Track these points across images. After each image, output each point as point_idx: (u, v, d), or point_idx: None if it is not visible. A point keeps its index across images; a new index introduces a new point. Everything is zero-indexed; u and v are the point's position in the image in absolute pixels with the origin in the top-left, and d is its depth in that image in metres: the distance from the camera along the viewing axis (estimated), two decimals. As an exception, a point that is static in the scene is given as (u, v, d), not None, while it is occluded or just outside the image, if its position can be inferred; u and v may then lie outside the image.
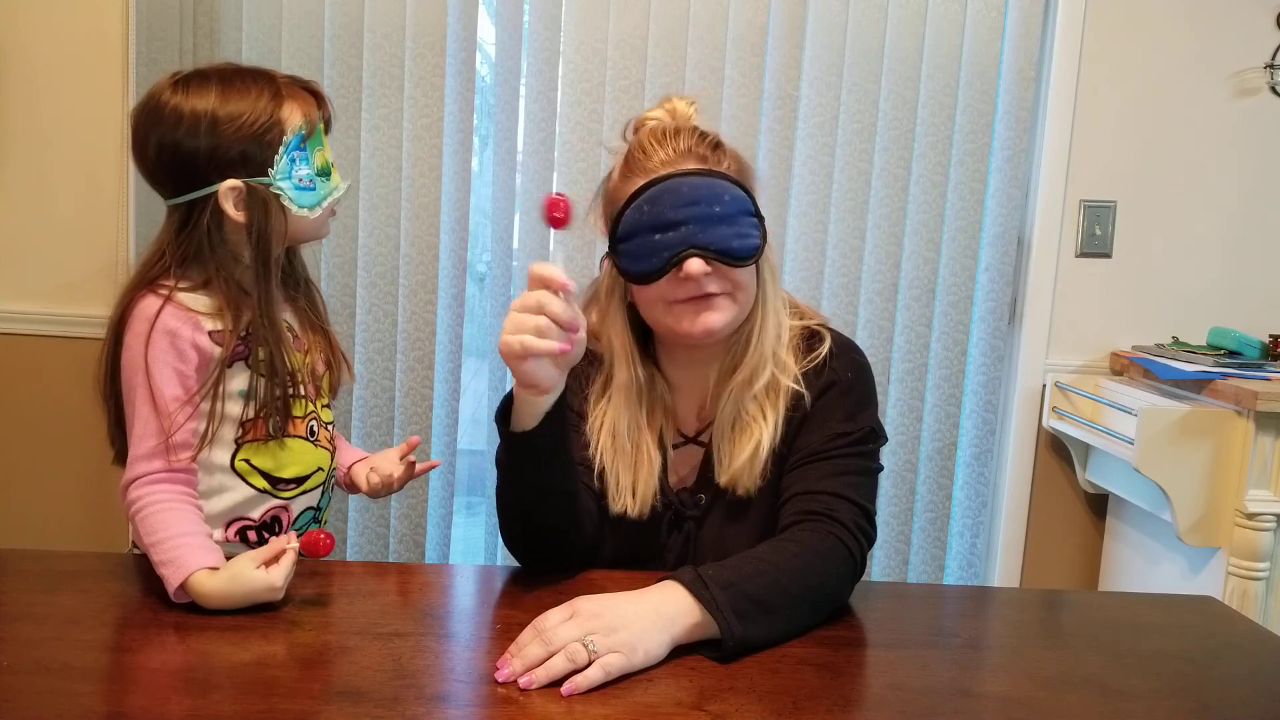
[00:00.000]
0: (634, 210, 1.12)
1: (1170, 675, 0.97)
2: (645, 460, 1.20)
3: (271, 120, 1.16)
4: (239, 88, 1.16)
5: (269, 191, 1.17)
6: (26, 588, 1.06)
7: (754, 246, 1.13)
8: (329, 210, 1.24)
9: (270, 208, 1.17)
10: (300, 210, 1.19)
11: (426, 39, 2.15)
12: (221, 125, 1.14)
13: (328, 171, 1.24)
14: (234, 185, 1.15)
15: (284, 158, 1.17)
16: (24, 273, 2.20)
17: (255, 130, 1.15)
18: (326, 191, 1.23)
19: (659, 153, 1.15)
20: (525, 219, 2.23)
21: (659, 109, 1.22)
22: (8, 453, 2.24)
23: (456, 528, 2.36)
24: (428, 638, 0.96)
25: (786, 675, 0.92)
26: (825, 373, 1.19)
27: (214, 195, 1.16)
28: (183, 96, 1.16)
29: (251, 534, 1.22)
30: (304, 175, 1.19)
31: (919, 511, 2.35)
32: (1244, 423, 1.91)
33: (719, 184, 1.12)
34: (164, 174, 1.18)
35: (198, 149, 1.15)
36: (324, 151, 1.23)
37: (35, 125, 2.17)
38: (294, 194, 1.19)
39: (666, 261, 1.11)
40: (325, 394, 1.31)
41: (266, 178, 1.17)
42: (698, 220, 1.10)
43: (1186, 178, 2.31)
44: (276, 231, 1.18)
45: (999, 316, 2.29)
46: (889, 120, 2.22)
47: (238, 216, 1.16)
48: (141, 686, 0.85)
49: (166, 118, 1.15)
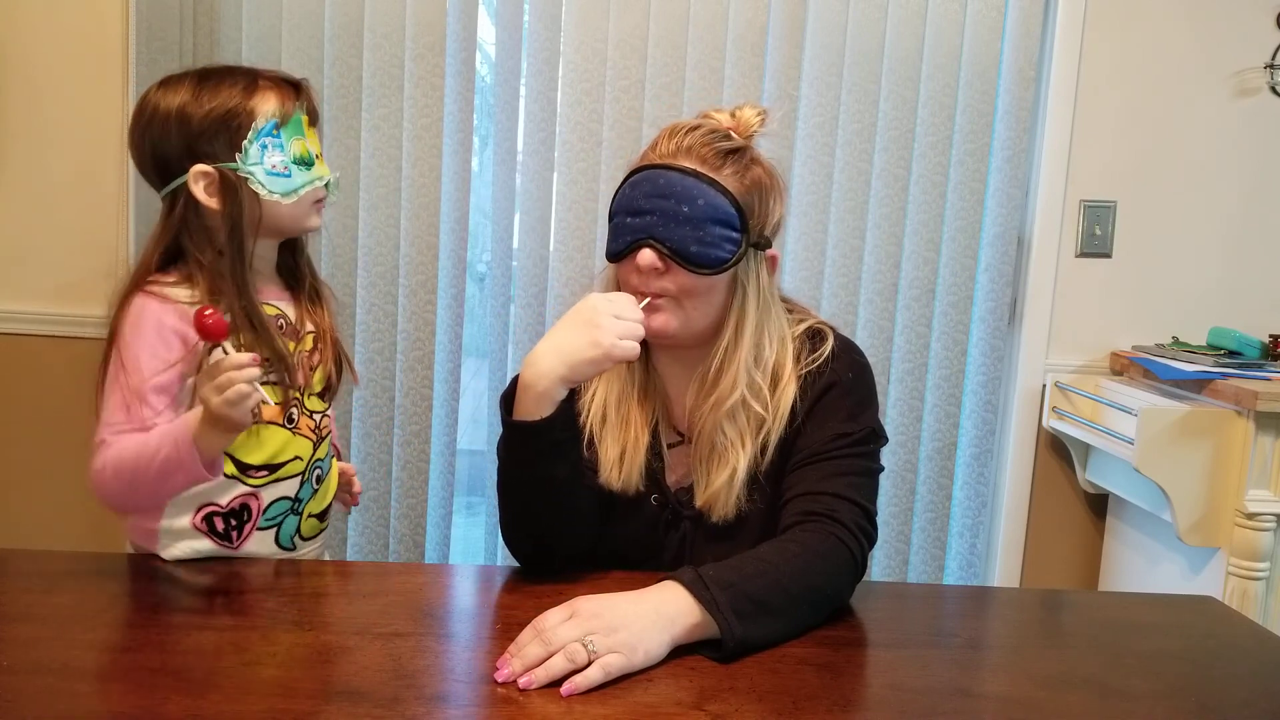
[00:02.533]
0: (622, 190, 1.16)
1: (1170, 675, 0.97)
2: (633, 432, 1.21)
3: (239, 108, 1.18)
4: (213, 82, 1.20)
5: (238, 176, 1.18)
6: (26, 588, 1.06)
7: (717, 258, 1.13)
8: (310, 200, 1.23)
9: (241, 192, 1.18)
10: (273, 195, 1.19)
11: (426, 39, 2.15)
12: (192, 116, 1.18)
13: (309, 161, 1.23)
14: (203, 170, 1.18)
15: (254, 143, 1.18)
16: (24, 273, 2.20)
17: (223, 117, 1.18)
18: (305, 180, 1.22)
19: (665, 143, 1.17)
20: (525, 219, 2.23)
21: (725, 111, 1.23)
22: (8, 453, 2.24)
23: (456, 528, 2.36)
24: (428, 638, 0.96)
25: (786, 675, 0.92)
26: (827, 373, 1.19)
27: (187, 183, 1.18)
28: (162, 94, 1.20)
29: (219, 521, 1.21)
30: (278, 162, 1.20)
31: (919, 511, 2.35)
32: (1244, 423, 1.91)
33: (697, 186, 1.12)
34: (149, 168, 1.23)
35: (170, 141, 1.18)
36: (305, 141, 1.23)
37: (35, 125, 2.17)
38: (265, 179, 1.19)
39: (626, 246, 1.14)
40: (316, 385, 1.30)
41: (235, 164, 1.18)
42: (661, 214, 1.12)
43: (1186, 178, 2.31)
44: (249, 217, 1.19)
45: (999, 316, 2.29)
46: (889, 120, 2.22)
47: (210, 202, 1.18)
48: (141, 686, 0.85)
49: (148, 115, 1.20)
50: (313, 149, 1.24)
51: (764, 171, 1.19)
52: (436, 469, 2.28)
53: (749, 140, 1.21)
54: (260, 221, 1.20)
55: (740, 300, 1.17)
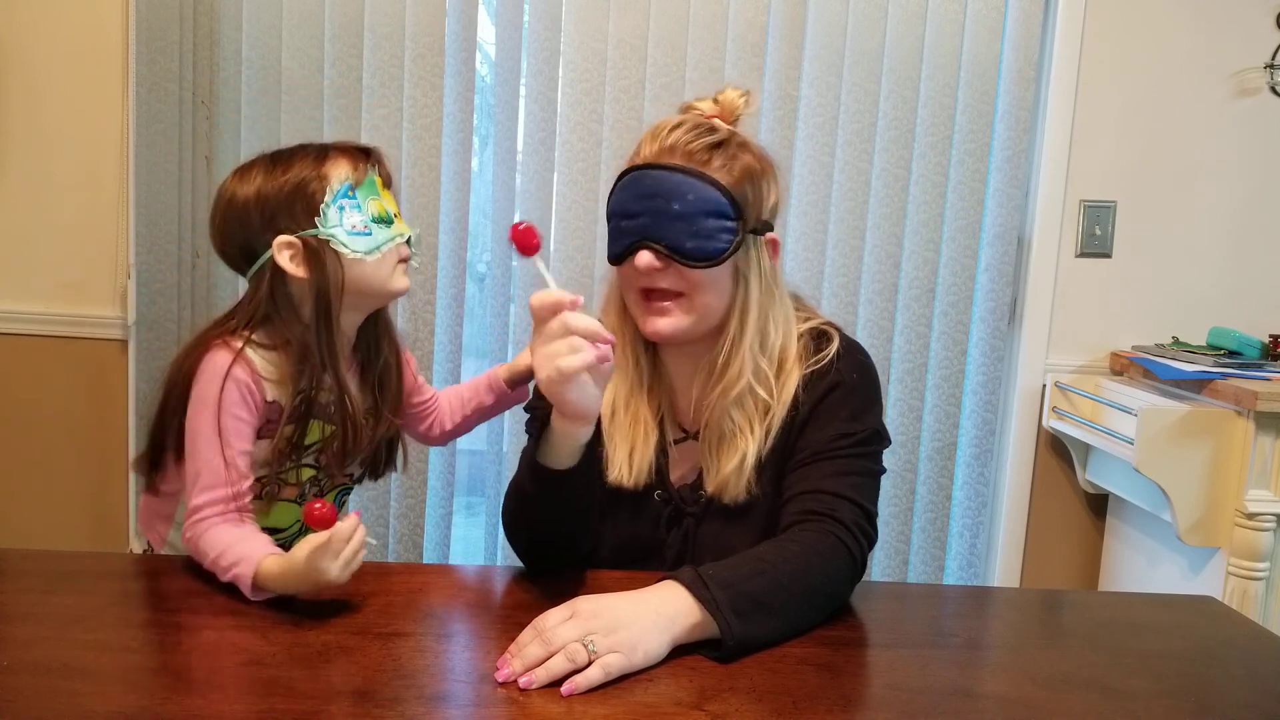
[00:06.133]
0: (615, 194, 1.17)
1: (1170, 675, 0.97)
2: (642, 431, 1.21)
3: (314, 175, 1.18)
4: (285, 160, 1.20)
5: (320, 241, 1.17)
6: (26, 588, 1.06)
7: (714, 250, 1.12)
8: (394, 259, 1.21)
9: (325, 257, 1.17)
10: (355, 254, 1.17)
11: (426, 39, 2.15)
12: (269, 194, 1.18)
13: (389, 220, 1.22)
14: (287, 241, 1.17)
15: (332, 206, 1.17)
16: (25, 273, 2.20)
17: (298, 186, 1.17)
18: (387, 237, 1.20)
19: (651, 143, 1.16)
20: (525, 219, 2.23)
21: (708, 100, 1.23)
22: (8, 453, 2.24)
23: (456, 528, 2.35)
24: (428, 638, 0.96)
25: (786, 675, 0.92)
26: (831, 373, 1.19)
27: (272, 257, 1.17)
28: (238, 182, 1.20)
29: None
30: (357, 222, 1.18)
31: (919, 511, 2.35)
32: (1244, 423, 1.91)
33: (685, 182, 1.12)
34: (235, 255, 1.22)
35: (252, 222, 1.18)
36: (381, 201, 1.22)
37: (35, 125, 2.17)
38: (346, 238, 1.17)
39: (624, 248, 1.14)
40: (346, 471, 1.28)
41: (316, 229, 1.17)
42: (652, 214, 1.12)
43: (1186, 178, 2.31)
44: (334, 281, 1.17)
45: (999, 316, 2.29)
46: (889, 120, 2.22)
47: (297, 272, 1.17)
48: (141, 686, 0.85)
49: (225, 204, 1.20)
50: (390, 208, 1.23)
51: (753, 157, 1.18)
52: (436, 469, 2.28)
53: (735, 123, 1.21)
54: (344, 286, 1.18)
55: (744, 287, 1.17)
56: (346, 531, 0.99)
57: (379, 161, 1.24)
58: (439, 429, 1.48)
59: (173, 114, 2.11)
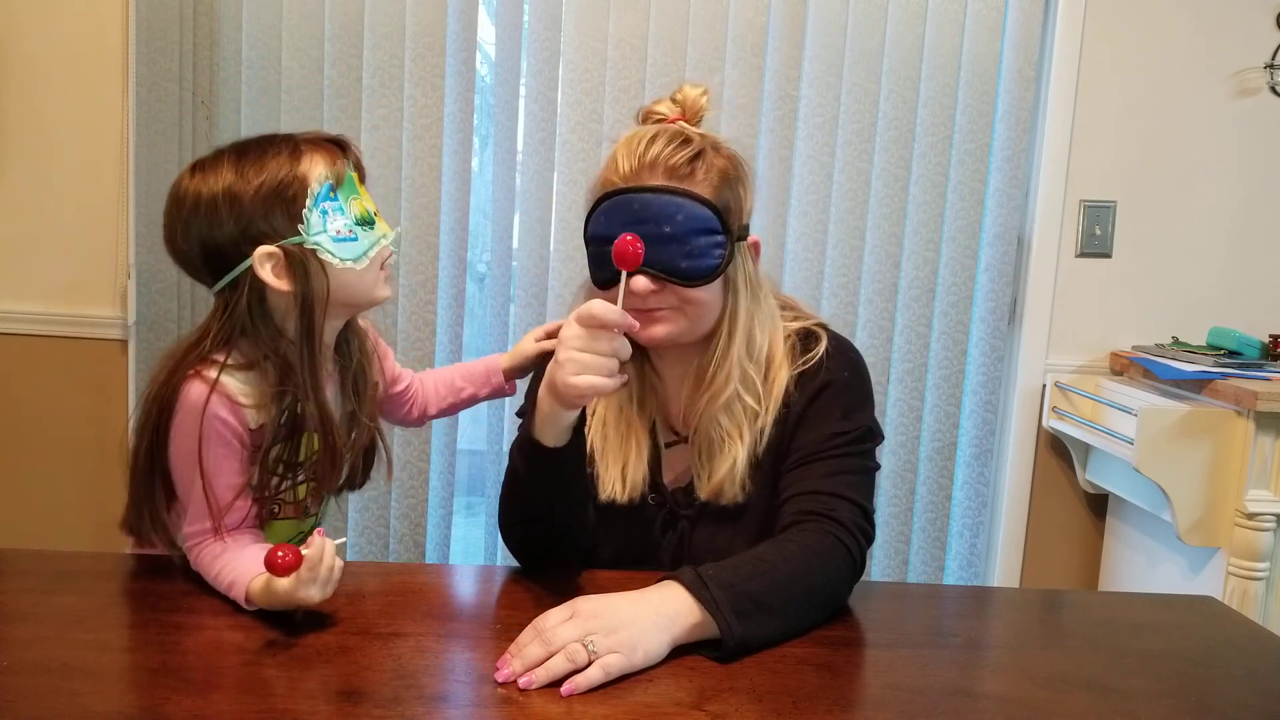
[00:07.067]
0: (594, 218, 1.14)
1: (1170, 675, 0.97)
2: (634, 447, 1.21)
3: (290, 176, 1.08)
4: (254, 156, 1.09)
5: (305, 250, 1.08)
6: (26, 588, 1.06)
7: (708, 267, 1.12)
8: (379, 263, 1.14)
9: (310, 267, 1.08)
10: (345, 263, 1.10)
11: (426, 39, 2.15)
12: (241, 196, 1.07)
13: (371, 220, 1.14)
14: (268, 252, 1.07)
15: (314, 211, 1.08)
16: (25, 273, 2.20)
17: (276, 189, 1.07)
18: (372, 241, 1.13)
19: (626, 162, 1.14)
20: (525, 219, 2.23)
21: (666, 101, 1.21)
22: (8, 453, 2.24)
23: (456, 528, 2.36)
24: (428, 638, 0.96)
25: (786, 675, 0.92)
26: (822, 372, 1.19)
27: (250, 269, 1.07)
28: (199, 180, 1.09)
29: None
30: (341, 226, 1.10)
31: (919, 511, 2.35)
32: (1244, 423, 1.91)
33: (673, 202, 1.11)
34: (201, 264, 1.11)
35: (224, 230, 1.07)
36: (362, 200, 1.14)
37: (35, 125, 2.17)
38: (333, 246, 1.09)
39: (614, 275, 1.09)
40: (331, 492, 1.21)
41: (299, 236, 1.08)
42: (645, 239, 1.06)
43: (1186, 178, 2.31)
44: (319, 293, 1.09)
45: (999, 316, 2.29)
46: (889, 120, 2.22)
47: (280, 285, 1.07)
48: (141, 686, 0.85)
49: (189, 207, 1.09)
50: (370, 207, 1.15)
51: (727, 162, 1.17)
52: (436, 469, 2.28)
53: (699, 123, 1.20)
54: (329, 296, 1.10)
55: (733, 294, 1.17)
56: (316, 557, 0.96)
57: (354, 153, 1.15)
58: (418, 412, 1.43)
59: (173, 114, 2.11)
